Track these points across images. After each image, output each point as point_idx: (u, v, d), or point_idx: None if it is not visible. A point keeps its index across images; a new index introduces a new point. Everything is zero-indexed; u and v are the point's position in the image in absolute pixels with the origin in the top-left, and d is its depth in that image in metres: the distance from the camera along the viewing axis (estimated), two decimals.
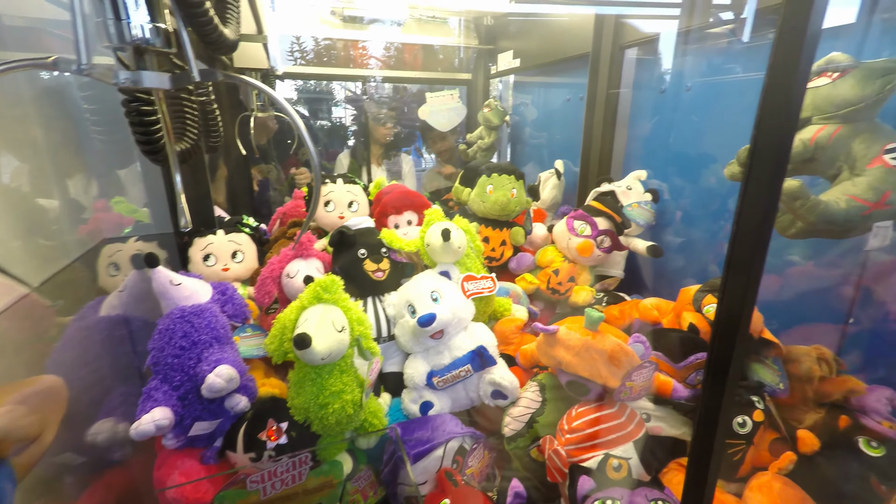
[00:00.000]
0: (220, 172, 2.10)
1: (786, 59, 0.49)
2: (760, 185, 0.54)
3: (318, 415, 0.93)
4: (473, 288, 1.19)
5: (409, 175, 2.75)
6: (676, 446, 1.00)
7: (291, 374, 0.97)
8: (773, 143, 0.52)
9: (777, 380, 1.02)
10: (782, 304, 1.22)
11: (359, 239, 1.21)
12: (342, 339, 0.91)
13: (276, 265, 1.16)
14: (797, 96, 0.50)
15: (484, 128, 2.51)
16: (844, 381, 1.00)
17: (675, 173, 1.63)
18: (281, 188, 2.64)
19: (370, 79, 2.66)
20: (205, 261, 1.27)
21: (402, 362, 1.17)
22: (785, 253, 1.23)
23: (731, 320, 0.59)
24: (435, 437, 1.02)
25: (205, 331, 0.95)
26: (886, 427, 0.94)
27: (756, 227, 0.55)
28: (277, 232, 1.55)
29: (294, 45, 2.53)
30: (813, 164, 0.98)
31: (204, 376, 0.87)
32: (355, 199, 1.49)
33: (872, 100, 0.88)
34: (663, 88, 1.67)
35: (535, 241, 1.70)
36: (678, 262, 1.62)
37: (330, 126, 3.66)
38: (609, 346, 0.95)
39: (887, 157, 0.88)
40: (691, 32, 1.53)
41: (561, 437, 0.97)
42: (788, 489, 0.83)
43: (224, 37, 0.69)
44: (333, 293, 0.95)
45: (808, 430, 0.96)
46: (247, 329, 1.15)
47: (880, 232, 0.91)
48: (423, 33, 2.47)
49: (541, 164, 2.39)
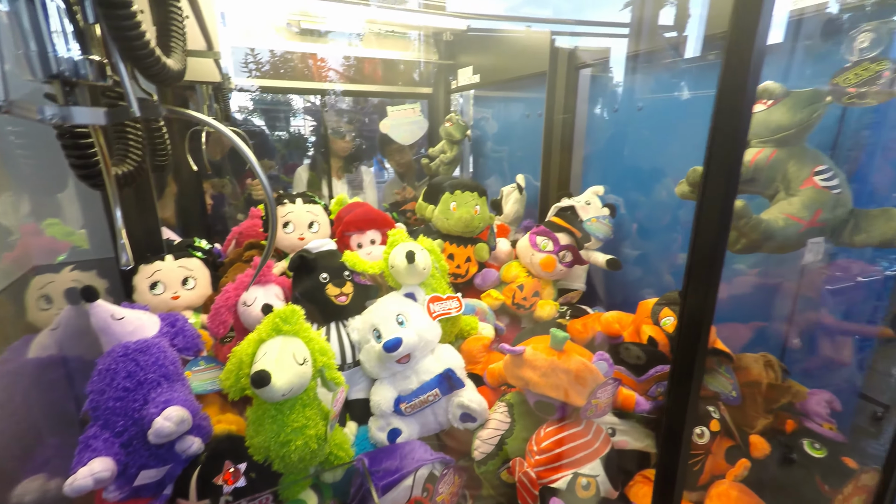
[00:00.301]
0: (170, 189, 1.98)
1: (733, 82, 0.52)
2: (714, 202, 0.56)
3: (280, 453, 0.88)
4: (440, 309, 1.17)
5: (370, 187, 2.72)
6: (641, 459, 1.02)
7: (250, 411, 0.91)
8: (724, 162, 0.55)
9: (730, 388, 1.07)
10: (732, 314, 1.29)
11: (320, 263, 1.17)
12: (304, 373, 0.87)
13: (231, 293, 1.10)
14: (745, 118, 0.53)
15: (446, 142, 2.52)
16: (789, 387, 1.07)
17: (630, 188, 1.70)
18: (237, 203, 2.53)
19: (329, 91, 2.61)
20: (152, 289, 1.19)
21: (368, 388, 1.14)
22: (733, 264, 1.30)
23: (692, 333, 0.62)
24: (404, 465, 0.99)
25: (152, 369, 0.88)
26: (827, 429, 1.01)
27: (712, 244, 0.58)
28: (233, 254, 1.47)
29: (249, 57, 2.44)
30: (754, 184, 1.04)
31: (151, 420, 0.81)
32: (316, 220, 1.45)
33: (802, 126, 0.96)
34: (616, 107, 1.74)
35: (499, 256, 1.72)
36: (636, 274, 1.69)
37: (289, 138, 3.56)
38: (574, 366, 0.96)
39: (817, 179, 0.95)
40: (640, 54, 1.61)
41: (530, 459, 0.97)
42: (745, 496, 0.87)
43: (167, 69, 0.64)
44: (294, 324, 0.91)
45: (759, 436, 1.01)
46: (199, 362, 1.08)
47: (814, 247, 0.98)
48: (382, 47, 2.46)
49: (503, 178, 2.43)
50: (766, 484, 1.00)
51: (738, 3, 0.49)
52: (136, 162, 0.98)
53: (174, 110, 0.61)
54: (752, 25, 0.48)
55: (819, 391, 1.07)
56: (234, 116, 2.94)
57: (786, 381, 1.09)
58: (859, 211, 0.96)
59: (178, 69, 0.70)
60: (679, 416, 0.64)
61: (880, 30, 0.86)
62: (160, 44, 0.75)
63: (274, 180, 2.92)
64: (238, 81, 2.35)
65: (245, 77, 2.41)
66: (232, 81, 1.68)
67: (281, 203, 1.44)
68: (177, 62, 0.70)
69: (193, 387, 1.01)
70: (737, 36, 0.50)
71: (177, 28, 0.78)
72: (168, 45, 0.75)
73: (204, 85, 1.61)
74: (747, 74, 0.51)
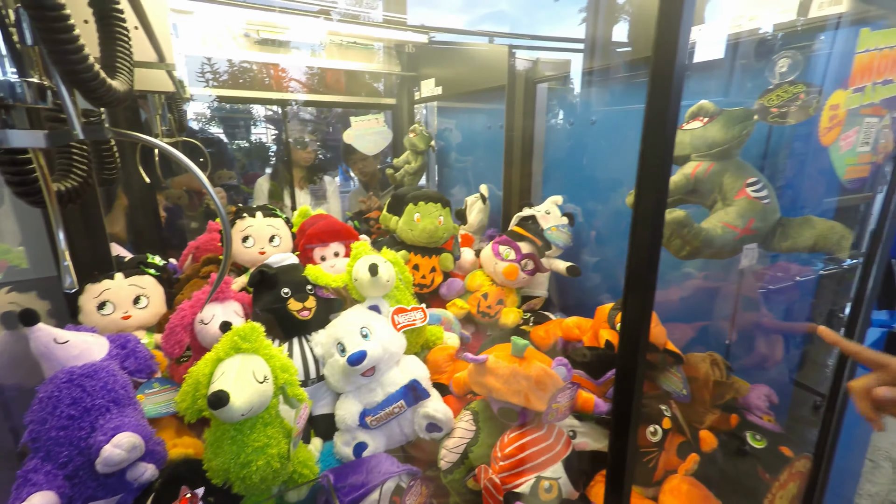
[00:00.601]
0: (120, 203, 1.89)
1: (657, 104, 0.56)
2: (646, 213, 0.60)
3: (240, 475, 0.85)
4: (404, 320, 1.18)
5: (334, 197, 2.70)
6: (601, 459, 1.06)
7: (208, 433, 0.89)
8: (654, 176, 0.59)
9: (681, 386, 1.14)
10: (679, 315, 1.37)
11: (282, 277, 1.16)
12: (265, 391, 0.86)
13: (187, 311, 1.07)
14: (671, 129, 0.57)
15: (410, 152, 2.54)
16: (733, 383, 1.15)
17: (587, 198, 1.77)
18: (194, 215, 2.45)
19: (291, 102, 2.57)
20: (100, 309, 1.13)
21: (332, 403, 1.13)
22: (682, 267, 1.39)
23: (633, 334, 0.66)
24: (370, 479, 0.99)
25: (100, 394, 0.83)
26: (766, 420, 1.09)
27: (646, 250, 0.62)
28: (190, 270, 1.42)
29: (206, 67, 2.37)
30: (695, 195, 1.12)
31: (99, 448, 0.77)
32: (277, 233, 1.42)
33: (734, 141, 1.04)
34: (572, 120, 1.82)
35: (463, 265, 1.74)
36: (595, 280, 1.76)
37: (249, 147, 3.48)
38: (535, 372, 0.99)
39: (749, 190, 1.04)
40: (593, 70, 1.70)
41: (495, 465, 0.99)
42: (694, 489, 0.93)
43: (112, 91, 0.62)
44: (253, 341, 0.89)
45: (707, 431, 1.08)
46: (153, 384, 1.04)
47: (749, 253, 1.07)
48: (345, 58, 2.46)
49: (467, 188, 2.47)
50: (715, 476, 1.06)
51: (659, 31, 0.53)
52: (80, 177, 0.94)
53: (120, 132, 0.59)
54: (671, 52, 0.53)
55: (758, 386, 1.16)
56: (190, 126, 2.85)
57: (730, 378, 1.17)
58: (786, 219, 1.05)
59: (123, 90, 0.67)
60: (625, 412, 0.68)
61: (796, 56, 0.96)
62: (105, 65, 0.73)
63: (234, 190, 2.84)
64: (194, 91, 2.29)
65: (202, 87, 2.34)
66: (187, 90, 1.63)
67: (240, 217, 1.41)
68: (122, 83, 0.68)
69: (147, 410, 0.97)
70: (659, 60, 0.54)
71: (122, 47, 0.76)
72: (113, 65, 0.72)
73: (156, 95, 1.56)
74: (670, 95, 0.55)
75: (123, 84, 0.68)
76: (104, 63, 0.72)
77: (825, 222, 1.00)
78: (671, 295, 1.37)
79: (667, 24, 0.52)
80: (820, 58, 0.97)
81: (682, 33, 0.51)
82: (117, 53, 0.74)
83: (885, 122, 0.84)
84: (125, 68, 0.73)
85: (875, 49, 0.71)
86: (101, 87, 0.59)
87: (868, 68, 0.73)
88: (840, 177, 0.82)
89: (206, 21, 1.96)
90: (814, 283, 1.22)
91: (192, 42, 1.97)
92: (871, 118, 0.80)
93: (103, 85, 0.59)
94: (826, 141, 0.77)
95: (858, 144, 0.81)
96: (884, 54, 0.73)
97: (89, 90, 0.58)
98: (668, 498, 0.96)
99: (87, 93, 0.59)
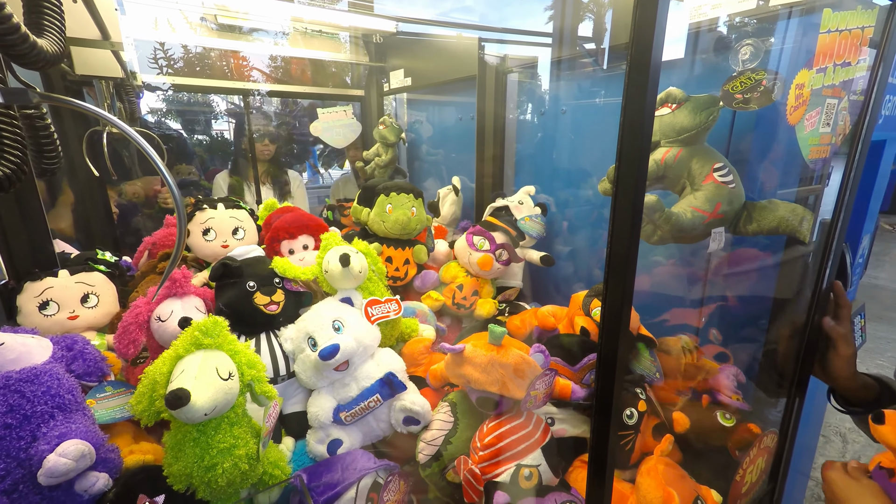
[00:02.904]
0: (65, 198, 1.75)
1: (637, 88, 0.56)
2: (627, 196, 0.60)
3: (205, 479, 0.80)
4: (378, 312, 1.15)
5: (300, 193, 2.60)
6: (579, 445, 1.07)
7: (167, 437, 0.82)
8: (634, 159, 0.59)
9: (654, 369, 1.16)
10: (652, 299, 1.40)
11: (246, 270, 1.09)
12: (230, 388, 0.80)
13: (142, 308, 0.99)
14: (648, 119, 0.57)
15: (380, 145, 2.49)
16: (703, 364, 1.18)
17: (560, 187, 1.79)
18: (151, 212, 2.30)
19: (254, 92, 2.47)
20: (42, 309, 1.03)
21: (304, 400, 1.08)
22: (651, 255, 1.41)
23: (614, 319, 0.65)
24: (345, 477, 0.95)
25: (41, 400, 0.76)
26: (735, 399, 1.12)
27: (627, 235, 0.62)
28: (145, 266, 1.33)
29: (159, 52, 2.23)
30: (665, 180, 1.14)
31: (41, 458, 0.70)
32: (241, 226, 1.35)
33: (702, 127, 1.06)
34: (543, 111, 1.83)
35: (437, 257, 1.72)
36: (568, 269, 1.78)
37: (210, 141, 3.32)
38: (513, 360, 0.98)
39: (716, 175, 1.06)
40: (562, 61, 1.70)
41: (475, 456, 0.97)
42: (670, 469, 0.94)
43: (38, 49, 0.55)
44: (216, 336, 0.84)
45: (680, 412, 1.10)
46: (106, 388, 0.96)
47: (716, 236, 1.09)
48: (310, 47, 2.38)
49: (440, 180, 2.45)
50: (689, 456, 1.09)
51: (637, 22, 0.53)
52: (13, 164, 0.85)
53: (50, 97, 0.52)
54: (648, 41, 0.53)
55: (726, 366, 1.19)
56: (145, 118, 2.68)
57: (700, 360, 1.20)
58: (751, 203, 1.08)
59: (52, 51, 0.60)
60: (607, 396, 0.68)
61: (758, 44, 0.98)
62: (29, 22, 0.65)
63: (194, 186, 2.69)
64: (147, 79, 2.15)
65: (155, 74, 2.20)
66: (139, 77, 1.53)
67: (200, 209, 1.33)
68: (51, 44, 0.60)
69: (99, 416, 0.89)
70: (636, 50, 0.54)
71: (50, 5, 0.67)
72: (40, 23, 0.64)
73: (103, 81, 1.45)
74: (647, 83, 0.55)
75: (52, 45, 0.61)
76: (29, 22, 0.64)
77: (787, 205, 1.04)
78: (642, 280, 1.40)
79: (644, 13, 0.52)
80: (789, 37, 1.00)
81: (658, 21, 0.51)
82: (43, 10, 0.66)
83: (843, 105, 0.87)
84: (54, 28, 0.66)
85: (836, 30, 0.74)
86: (23, 43, 0.52)
87: (829, 49, 0.75)
88: (805, 156, 0.85)
89: (157, 1, 1.84)
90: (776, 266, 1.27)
91: (143, 25, 1.84)
92: (831, 99, 0.83)
93: (26, 40, 0.52)
94: (793, 120, 0.79)
95: (821, 125, 0.84)
96: (843, 36, 0.75)
97: (8, 45, 0.51)
98: (644, 479, 0.97)
99: (7, 48, 0.52)
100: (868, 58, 0.88)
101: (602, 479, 0.72)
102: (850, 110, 0.89)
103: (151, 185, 2.24)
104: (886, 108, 1.28)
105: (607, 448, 0.69)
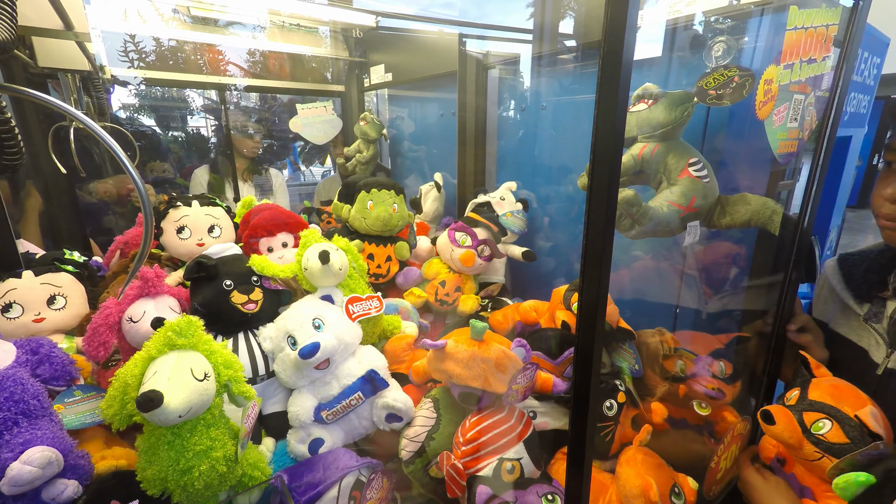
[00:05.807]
0: (32, 201, 1.67)
1: (609, 84, 0.57)
2: (601, 191, 0.61)
3: (181, 482, 0.78)
4: (359, 309, 1.13)
5: (281, 190, 2.56)
6: (561, 438, 1.08)
7: (140, 441, 0.80)
8: (607, 155, 0.59)
9: (633, 361, 1.18)
10: (631, 293, 1.42)
11: (222, 268, 1.07)
12: (205, 389, 0.78)
13: (112, 309, 0.96)
14: (621, 114, 0.58)
15: (362, 141, 2.46)
16: (680, 355, 1.20)
17: (541, 183, 1.80)
18: (122, 211, 2.23)
19: (230, 87, 2.40)
20: (4, 312, 0.99)
21: (285, 400, 1.06)
22: (630, 250, 1.44)
23: (590, 312, 0.66)
24: (327, 476, 0.94)
25: (3, 406, 0.73)
26: (710, 388, 1.15)
27: (601, 229, 0.62)
28: (116, 266, 1.29)
29: (129, 45, 2.16)
30: (642, 175, 1.16)
31: (5, 466, 0.67)
32: (217, 223, 1.32)
33: (677, 122, 1.08)
34: (524, 107, 1.84)
35: (420, 254, 1.71)
36: (550, 264, 1.79)
37: (186, 138, 3.22)
38: (494, 354, 0.99)
39: (691, 170, 1.08)
40: (543, 57, 1.71)
41: (457, 451, 0.97)
42: (649, 458, 0.96)
43: None
44: (190, 336, 0.81)
45: (658, 402, 1.12)
46: (74, 392, 0.92)
47: (692, 230, 1.11)
48: (288, 41, 2.33)
49: (422, 177, 2.44)
50: (667, 445, 1.11)
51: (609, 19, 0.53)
52: None
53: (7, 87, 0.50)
54: (620, 38, 0.53)
55: (702, 357, 1.22)
56: (117, 115, 2.59)
57: (677, 352, 1.22)
58: (724, 197, 1.11)
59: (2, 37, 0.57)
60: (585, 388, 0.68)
61: (730, 42, 1.00)
62: None
63: (169, 183, 2.62)
64: (117, 73, 2.08)
65: (125, 68, 2.13)
66: (107, 70, 1.47)
67: (174, 206, 1.29)
68: (2, 29, 0.57)
69: (67, 422, 0.86)
70: (609, 46, 0.54)
71: None
72: None
73: (68, 74, 1.39)
74: (619, 78, 0.55)
75: (3, 30, 0.58)
76: None
77: (759, 199, 1.07)
78: (621, 274, 1.42)
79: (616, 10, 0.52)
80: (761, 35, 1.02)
81: (629, 17, 0.51)
82: None
83: (809, 100, 0.90)
84: (6, 14, 0.62)
85: (802, 28, 0.76)
86: None
87: (796, 46, 0.78)
88: (773, 150, 0.87)
89: None
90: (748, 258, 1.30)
91: (112, 16, 1.78)
92: (798, 95, 0.86)
93: None
94: (762, 115, 0.81)
95: (788, 120, 0.87)
96: (808, 33, 0.78)
97: None
98: (624, 469, 0.98)
99: None
100: (833, 56, 0.91)
101: (580, 469, 0.72)
102: (816, 106, 0.92)
103: (124, 183, 2.17)
104: (851, 104, 1.33)
105: (585, 438, 0.70)
